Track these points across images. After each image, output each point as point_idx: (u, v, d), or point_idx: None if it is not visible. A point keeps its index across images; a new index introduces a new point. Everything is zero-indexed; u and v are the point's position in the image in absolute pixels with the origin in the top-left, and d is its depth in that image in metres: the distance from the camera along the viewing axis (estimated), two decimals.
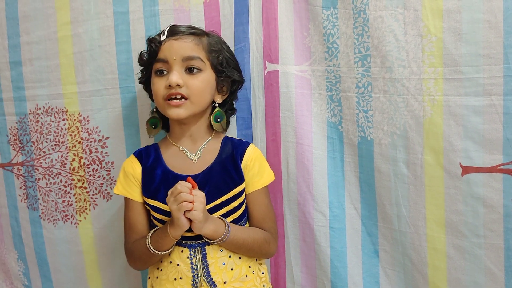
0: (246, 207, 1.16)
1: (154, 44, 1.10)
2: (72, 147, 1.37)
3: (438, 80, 1.11)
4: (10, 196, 1.46)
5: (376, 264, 1.26)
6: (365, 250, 1.26)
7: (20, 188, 1.44)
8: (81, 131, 1.36)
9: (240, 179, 1.12)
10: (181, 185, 1.00)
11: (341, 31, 1.20)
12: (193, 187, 1.03)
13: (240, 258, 1.11)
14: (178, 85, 1.06)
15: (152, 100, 1.15)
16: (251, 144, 1.17)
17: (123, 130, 1.34)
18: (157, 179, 1.11)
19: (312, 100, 1.26)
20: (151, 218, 1.14)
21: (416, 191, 1.17)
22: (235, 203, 1.11)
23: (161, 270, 1.11)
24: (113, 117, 1.34)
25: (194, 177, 1.09)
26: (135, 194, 1.13)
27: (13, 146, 1.42)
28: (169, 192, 1.02)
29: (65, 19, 1.32)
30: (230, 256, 1.10)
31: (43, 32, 1.34)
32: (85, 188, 1.38)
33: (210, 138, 1.16)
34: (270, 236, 1.15)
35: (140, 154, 1.16)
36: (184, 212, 0.99)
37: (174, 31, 1.10)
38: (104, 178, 1.37)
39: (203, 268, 1.08)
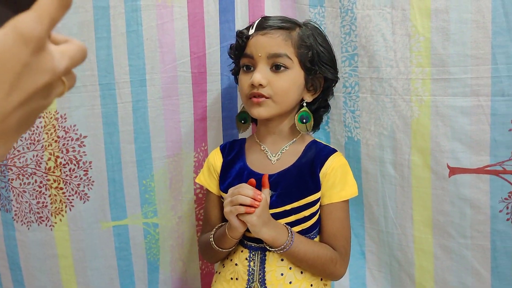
0: (319, 220, 1.07)
1: (241, 39, 1.05)
2: (48, 146, 1.31)
3: (425, 80, 1.10)
4: None
5: (363, 266, 1.25)
6: (352, 252, 1.23)
7: None
8: (58, 129, 1.30)
9: (315, 187, 1.03)
10: (243, 188, 0.95)
11: (328, 29, 1.19)
12: (263, 186, 0.98)
13: (302, 273, 1.02)
14: (260, 85, 1.01)
15: None
16: (337, 152, 1.08)
17: (102, 128, 1.29)
18: (233, 174, 1.08)
19: None
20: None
21: (403, 192, 1.16)
22: (306, 212, 1.03)
23: (223, 266, 1.08)
24: (91, 115, 1.28)
25: (268, 178, 1.02)
26: (213, 186, 1.12)
27: None
28: (229, 192, 0.97)
29: None
30: (290, 268, 1.01)
31: None
32: (61, 188, 1.32)
33: (294, 139, 1.09)
34: (337, 256, 1.04)
35: (225, 147, 1.14)
36: (239, 214, 0.94)
37: (262, 25, 1.04)
38: (81, 179, 1.31)
39: (259, 274, 1.01)
